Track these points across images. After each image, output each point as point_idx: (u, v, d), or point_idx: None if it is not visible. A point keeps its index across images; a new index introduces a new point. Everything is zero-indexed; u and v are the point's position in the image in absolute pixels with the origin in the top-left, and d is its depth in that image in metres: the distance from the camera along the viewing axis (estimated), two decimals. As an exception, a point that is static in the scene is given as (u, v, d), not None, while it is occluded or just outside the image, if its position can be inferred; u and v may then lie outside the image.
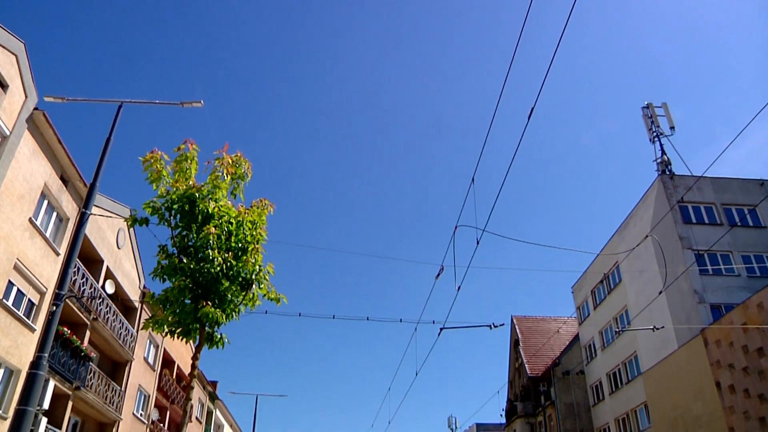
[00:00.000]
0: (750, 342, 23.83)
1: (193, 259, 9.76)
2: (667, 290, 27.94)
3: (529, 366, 46.37)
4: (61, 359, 21.88)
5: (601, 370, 38.95)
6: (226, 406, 58.37)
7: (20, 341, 19.47)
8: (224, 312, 9.81)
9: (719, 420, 25.53)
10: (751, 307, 24.11)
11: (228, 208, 10.06)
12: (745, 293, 27.29)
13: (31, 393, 10.54)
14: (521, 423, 45.43)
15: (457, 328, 18.71)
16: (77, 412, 25.89)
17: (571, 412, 40.63)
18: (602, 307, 39.16)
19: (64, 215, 22.30)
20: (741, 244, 30.26)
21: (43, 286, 20.74)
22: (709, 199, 32.11)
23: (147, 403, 33.57)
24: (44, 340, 11.02)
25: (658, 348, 30.91)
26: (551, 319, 51.97)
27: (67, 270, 11.65)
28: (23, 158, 18.97)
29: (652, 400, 31.39)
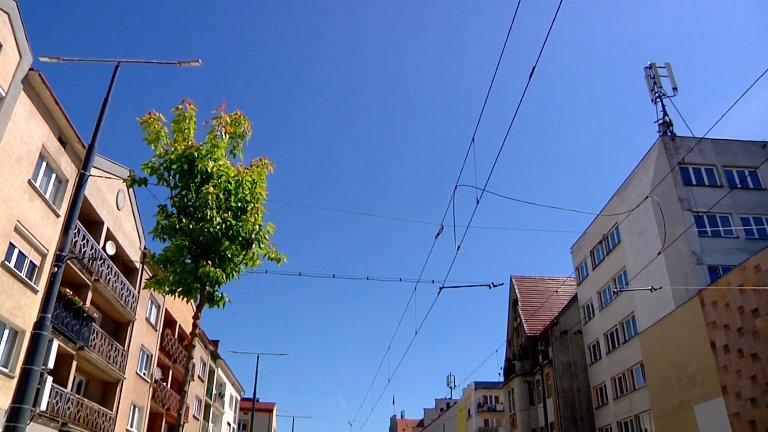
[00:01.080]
0: (746, 303, 24.05)
1: (192, 218, 9.75)
2: (666, 251, 28.08)
3: (527, 325, 46.88)
4: (64, 320, 22.10)
5: (598, 330, 39.40)
6: (228, 365, 59.23)
7: (23, 302, 19.64)
8: (224, 271, 9.85)
9: (713, 379, 25.95)
10: (748, 268, 24.25)
11: (227, 168, 10.01)
12: (743, 255, 27.42)
13: (36, 353, 10.67)
14: (519, 381, 46.14)
15: (456, 287, 18.67)
16: (82, 372, 26.27)
17: (569, 371, 41.24)
18: (601, 268, 39.41)
19: (63, 177, 22.24)
20: (741, 206, 30.30)
21: (44, 247, 20.81)
22: (710, 160, 32.01)
23: (150, 363, 34.04)
24: (47, 301, 11.12)
25: (656, 308, 31.21)
26: (550, 280, 52.34)
27: (68, 231, 11.68)
28: (20, 119, 18.83)
29: (648, 359, 31.84)
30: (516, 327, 50.08)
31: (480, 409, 70.71)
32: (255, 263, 10.38)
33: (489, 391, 71.15)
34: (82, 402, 24.69)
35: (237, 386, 66.88)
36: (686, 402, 27.85)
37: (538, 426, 43.99)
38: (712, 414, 25.81)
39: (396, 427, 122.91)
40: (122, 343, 29.22)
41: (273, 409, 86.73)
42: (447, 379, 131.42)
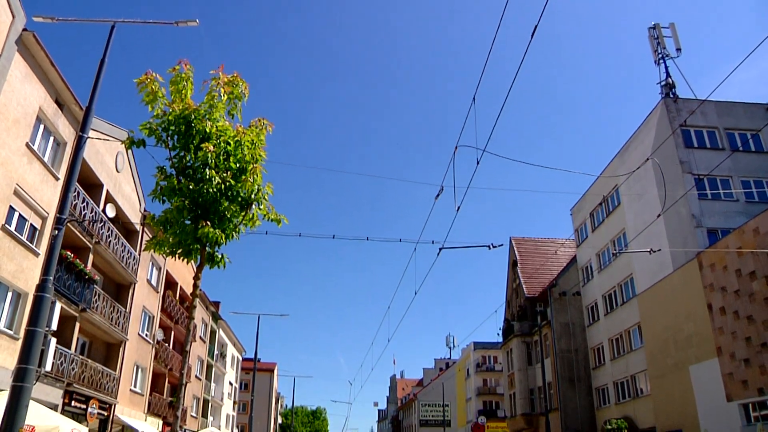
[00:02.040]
0: (743, 266, 24.18)
1: (191, 179, 9.72)
2: (665, 214, 28.13)
3: (526, 287, 47.22)
4: (66, 282, 22.25)
5: (597, 291, 39.72)
6: (229, 326, 59.91)
7: (25, 265, 19.73)
8: (224, 232, 9.86)
9: (708, 340, 26.26)
10: (747, 231, 24.32)
11: (225, 128, 9.95)
12: (742, 218, 27.47)
13: (39, 315, 10.79)
14: (517, 342, 46.68)
15: (456, 248, 18.67)
16: (85, 333, 26.57)
17: (567, 332, 41.71)
18: (600, 230, 39.53)
19: (61, 139, 22.11)
20: (741, 169, 30.22)
21: (44, 210, 20.81)
22: (712, 123, 31.81)
23: (151, 324, 34.41)
24: (48, 263, 11.18)
25: (654, 271, 31.40)
26: (549, 241, 52.53)
27: (67, 194, 11.67)
28: (15, 81, 18.61)
29: (646, 320, 32.17)
30: (515, 288, 50.46)
31: (479, 369, 71.80)
32: (254, 224, 10.39)
33: (488, 351, 72.13)
34: (86, 363, 25.03)
35: (238, 347, 67.76)
36: (681, 362, 28.24)
37: (536, 386, 44.70)
38: (706, 374, 26.21)
39: (396, 386, 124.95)
40: (124, 305, 29.48)
41: (274, 369, 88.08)
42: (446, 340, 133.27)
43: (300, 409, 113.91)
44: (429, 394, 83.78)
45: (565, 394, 40.03)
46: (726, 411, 24.77)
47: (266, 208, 10.31)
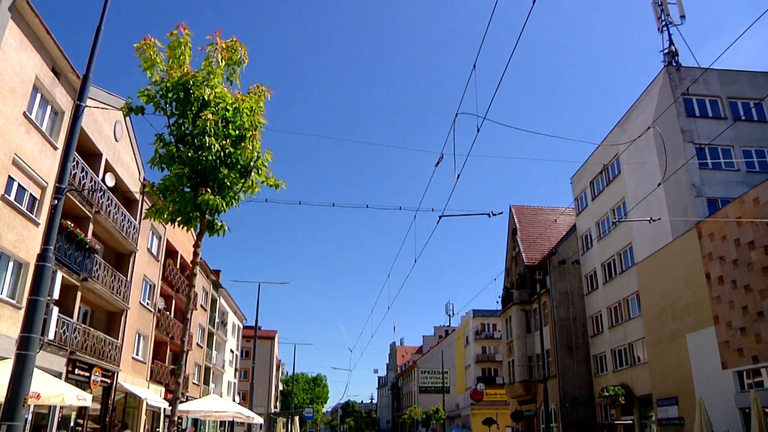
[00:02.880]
0: (743, 236, 24.23)
1: (190, 147, 9.68)
2: (666, 183, 28.09)
3: (526, 255, 47.39)
4: (67, 252, 22.31)
5: (596, 260, 39.89)
6: (230, 294, 60.29)
7: (26, 235, 19.76)
8: (224, 199, 9.85)
9: (705, 309, 26.45)
10: (747, 201, 24.30)
11: (224, 95, 9.87)
12: (742, 188, 27.43)
13: (41, 284, 10.84)
14: (516, 310, 47.03)
15: (456, 216, 18.70)
16: (86, 302, 26.74)
17: (565, 300, 42.00)
18: (600, 198, 39.54)
19: (59, 108, 21.95)
20: (743, 138, 30.08)
21: (44, 180, 20.76)
22: (715, 92, 31.56)
23: (152, 293, 34.61)
24: (48, 233, 11.19)
25: (653, 240, 31.48)
26: (549, 209, 52.56)
27: (66, 164, 11.63)
28: (10, 50, 18.39)
29: (644, 289, 32.36)
30: (514, 256, 50.64)
31: (478, 337, 72.44)
32: (254, 191, 10.37)
33: (487, 319, 72.70)
34: (88, 331, 25.24)
35: (239, 315, 68.30)
36: (679, 331, 28.49)
37: (535, 353, 45.16)
38: (703, 342, 26.47)
39: (395, 353, 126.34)
40: (125, 274, 29.61)
41: (275, 336, 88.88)
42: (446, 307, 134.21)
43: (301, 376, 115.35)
44: (428, 362, 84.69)
45: (564, 361, 40.47)
46: (721, 378, 25.08)
47: (265, 174, 10.28)
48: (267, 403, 78.71)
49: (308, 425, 66.69)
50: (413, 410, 61.73)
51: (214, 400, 32.05)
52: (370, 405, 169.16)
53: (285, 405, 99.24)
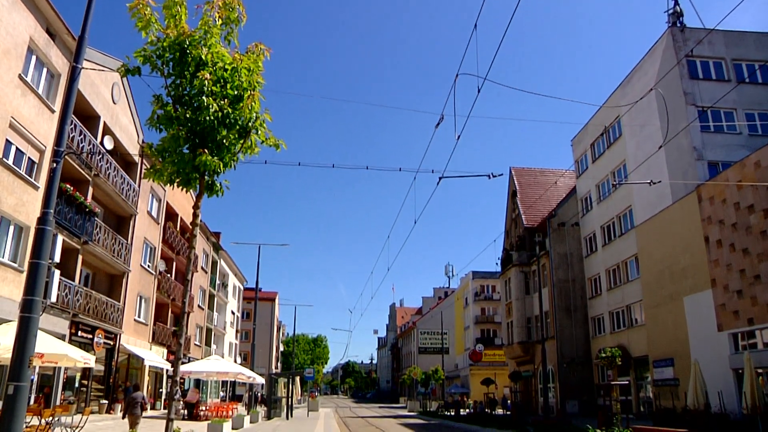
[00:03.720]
0: (742, 199, 24.22)
1: (188, 107, 9.60)
2: (667, 146, 27.96)
3: (525, 217, 47.46)
4: (67, 215, 22.34)
5: (595, 222, 39.97)
6: (230, 256, 60.60)
7: (25, 199, 19.75)
8: (222, 160, 9.81)
9: (703, 272, 26.60)
10: (748, 165, 24.22)
11: (222, 54, 9.72)
12: (744, 151, 27.30)
13: (42, 247, 10.87)
14: (516, 271, 47.30)
15: (455, 177, 18.78)
16: (88, 265, 26.89)
17: (564, 262, 42.22)
18: (601, 161, 39.42)
19: (55, 71, 21.71)
20: (747, 101, 29.81)
21: (41, 143, 20.65)
22: (720, 53, 31.14)
23: (153, 255, 34.78)
24: (48, 196, 11.18)
25: (653, 203, 31.48)
26: (549, 171, 52.45)
27: (64, 126, 11.54)
28: (2, 10, 18.08)
29: (643, 252, 32.49)
30: (514, 218, 50.73)
31: (477, 298, 73.05)
32: (253, 151, 10.32)
33: (486, 281, 73.20)
34: (90, 294, 25.44)
35: (239, 276, 68.77)
36: (676, 293, 28.71)
37: (533, 314, 45.60)
38: (700, 305, 26.69)
39: (395, 314, 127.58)
40: (125, 237, 29.70)
41: (275, 298, 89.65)
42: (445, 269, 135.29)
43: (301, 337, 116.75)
44: (428, 323, 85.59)
45: (562, 323, 40.90)
46: (716, 340, 25.37)
47: (264, 134, 10.22)
48: (268, 364, 79.88)
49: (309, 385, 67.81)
50: (413, 370, 62.55)
51: (216, 360, 32.48)
52: (370, 365, 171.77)
53: (286, 365, 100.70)
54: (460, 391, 63.25)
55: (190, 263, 8.88)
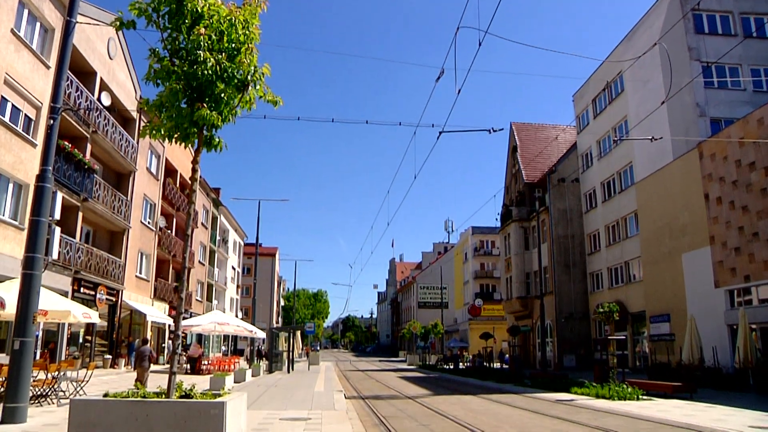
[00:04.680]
0: (744, 156, 24.11)
1: (185, 61, 9.46)
2: (669, 102, 27.64)
3: (525, 172, 47.36)
4: (66, 172, 22.26)
5: (595, 178, 39.89)
6: (230, 212, 60.68)
7: (23, 156, 19.64)
8: (220, 115, 9.73)
9: (702, 229, 26.68)
10: (751, 122, 24.02)
11: (218, 7, 9.54)
12: (748, 108, 27.02)
13: (41, 205, 10.90)
14: (515, 227, 47.45)
15: (456, 132, 18.76)
16: (88, 222, 26.91)
17: (564, 218, 42.32)
18: (602, 117, 39.10)
19: (48, 25, 21.30)
20: (753, 56, 29.30)
21: (38, 100, 20.42)
22: (727, 7, 30.51)
23: (153, 212, 34.81)
24: (46, 153, 11.14)
25: (654, 159, 31.35)
26: (550, 127, 52.09)
27: (60, 82, 11.43)
28: (-5, -40, 17.66)
29: (642, 208, 32.52)
30: (514, 174, 50.63)
31: (476, 253, 73.45)
32: (251, 106, 10.23)
33: (485, 236, 73.47)
34: (91, 251, 25.54)
35: (240, 232, 68.99)
36: (675, 250, 28.86)
37: (532, 270, 45.94)
38: (698, 261, 26.86)
39: (395, 269, 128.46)
40: (125, 194, 29.66)
41: (275, 253, 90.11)
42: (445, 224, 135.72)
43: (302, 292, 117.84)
44: (427, 277, 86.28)
45: (560, 278, 41.24)
46: (713, 296, 25.63)
47: (263, 89, 10.12)
48: (269, 319, 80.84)
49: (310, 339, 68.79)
50: (412, 325, 63.32)
51: (217, 315, 32.84)
52: (370, 320, 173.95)
53: (287, 320, 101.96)
54: (459, 345, 64.19)
55: (190, 218, 8.88)
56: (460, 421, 12.76)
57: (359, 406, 16.06)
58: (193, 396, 4.57)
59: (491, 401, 18.03)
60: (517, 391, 21.36)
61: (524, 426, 12.01)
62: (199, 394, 4.63)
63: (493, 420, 13.09)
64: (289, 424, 11.11)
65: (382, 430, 11.46)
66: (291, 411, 13.30)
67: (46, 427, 9.95)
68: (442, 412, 14.47)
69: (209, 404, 4.17)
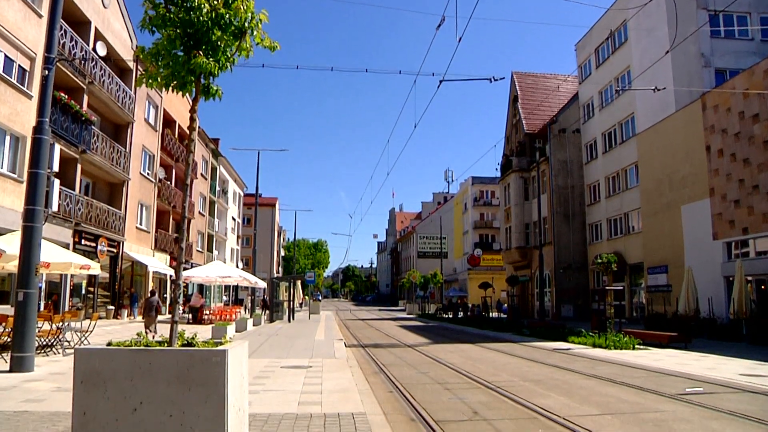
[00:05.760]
0: (748, 108, 23.87)
1: (181, 8, 9.31)
2: (673, 52, 27.24)
3: (526, 122, 47.03)
4: (63, 124, 22.08)
5: (597, 129, 39.63)
6: (230, 163, 60.48)
7: (19, 108, 19.45)
8: (218, 62, 9.63)
9: (702, 181, 26.64)
10: (757, 72, 23.68)
11: (212, -52, 9.31)
12: (754, 58, 26.61)
13: (39, 157, 10.87)
14: (515, 177, 47.39)
15: (456, 80, 18.69)
16: (87, 174, 26.85)
17: (564, 169, 42.22)
18: (605, 66, 38.58)
19: (39, -29, 20.79)
20: (763, 4, 28.70)
21: (31, 51, 20.09)
22: (735, -49, 29.69)
23: (152, 163, 34.69)
24: (42, 105, 11.04)
25: (656, 110, 31.07)
26: (552, 77, 51.42)
27: (53, 32, 11.24)
28: None
29: (643, 160, 32.41)
30: (515, 124, 50.28)
31: (476, 203, 73.55)
32: (249, 53, 10.11)
33: (485, 186, 73.44)
34: (91, 203, 25.57)
35: (239, 183, 68.91)
36: (674, 202, 28.88)
37: (531, 220, 46.09)
38: (697, 214, 26.92)
39: (395, 219, 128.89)
40: (123, 145, 29.50)
41: (275, 203, 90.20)
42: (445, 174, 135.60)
43: (302, 242, 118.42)
44: (427, 227, 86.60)
45: (560, 229, 41.42)
46: (711, 248, 25.79)
47: (260, 36, 9.98)
48: (269, 269, 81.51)
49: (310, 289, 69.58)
50: (412, 274, 63.97)
51: (218, 266, 33.10)
52: (370, 269, 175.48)
53: (287, 270, 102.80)
54: (459, 294, 64.91)
55: (189, 168, 8.89)
56: (458, 368, 13.02)
57: (359, 355, 16.36)
58: (195, 344, 4.65)
59: (489, 350, 18.36)
60: (515, 340, 21.74)
61: (522, 373, 12.26)
62: (201, 343, 4.71)
63: (491, 368, 13.35)
64: (290, 371, 11.34)
65: (381, 378, 11.69)
66: (292, 359, 13.56)
67: (53, 375, 10.17)
68: (441, 360, 14.75)
69: (211, 352, 4.26)
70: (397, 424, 7.26)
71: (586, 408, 8.44)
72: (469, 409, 8.32)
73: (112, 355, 4.27)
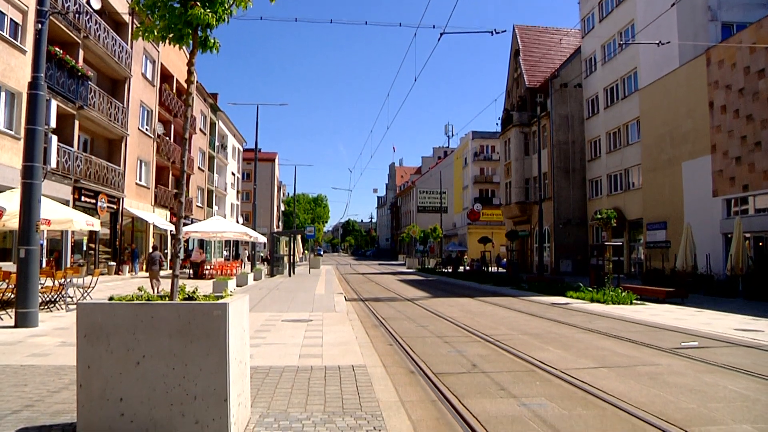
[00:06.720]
0: (753, 63, 23.52)
1: (176, -43, 9.10)
2: (679, 4, 26.69)
3: (527, 76, 46.48)
4: (59, 80, 21.82)
5: (599, 84, 39.19)
6: (229, 117, 60.05)
7: (13, 64, 19.18)
8: (215, 14, 9.50)
9: (704, 137, 26.48)
10: (765, 26, 23.22)
11: None
12: (763, 11, 26.08)
13: (36, 113, 10.78)
14: (516, 132, 47.10)
15: (457, 33, 18.44)
16: (85, 131, 26.68)
17: (565, 124, 41.92)
18: (608, 20, 37.91)
19: None
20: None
21: (23, 3, 19.70)
22: None
23: (151, 118, 34.43)
24: (36, 60, 10.91)
25: (660, 65, 30.65)
26: (554, 30, 50.62)
27: (44, -17, 11.03)
28: None
29: (645, 115, 32.15)
30: (516, 78, 49.69)
31: (476, 158, 73.35)
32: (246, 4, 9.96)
33: (486, 141, 73.14)
34: (90, 159, 25.47)
35: (239, 137, 68.55)
36: (675, 158, 28.77)
37: (532, 175, 45.99)
38: (697, 170, 26.85)
39: (395, 173, 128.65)
40: (121, 101, 29.24)
41: (275, 158, 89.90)
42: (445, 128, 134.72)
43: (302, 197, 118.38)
44: (427, 182, 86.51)
45: (560, 184, 41.37)
46: (710, 205, 25.80)
47: (258, -14, 9.76)
48: (269, 224, 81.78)
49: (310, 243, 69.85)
50: (411, 229, 64.15)
51: (218, 221, 33.18)
52: (370, 224, 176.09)
53: (287, 225, 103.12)
54: (458, 249, 65.26)
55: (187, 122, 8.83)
56: (457, 322, 13.20)
57: (359, 308, 16.56)
58: (196, 298, 4.70)
59: (488, 303, 18.57)
60: (514, 295, 21.96)
61: (520, 327, 12.43)
62: (202, 297, 4.76)
63: (490, 321, 13.53)
64: (291, 325, 11.49)
65: (381, 331, 11.86)
66: (293, 313, 13.73)
67: (57, 330, 10.32)
68: (440, 314, 14.94)
69: (212, 305, 4.32)
70: (396, 376, 7.40)
71: (583, 361, 8.59)
72: (468, 362, 8.47)
73: (115, 310, 4.32)
